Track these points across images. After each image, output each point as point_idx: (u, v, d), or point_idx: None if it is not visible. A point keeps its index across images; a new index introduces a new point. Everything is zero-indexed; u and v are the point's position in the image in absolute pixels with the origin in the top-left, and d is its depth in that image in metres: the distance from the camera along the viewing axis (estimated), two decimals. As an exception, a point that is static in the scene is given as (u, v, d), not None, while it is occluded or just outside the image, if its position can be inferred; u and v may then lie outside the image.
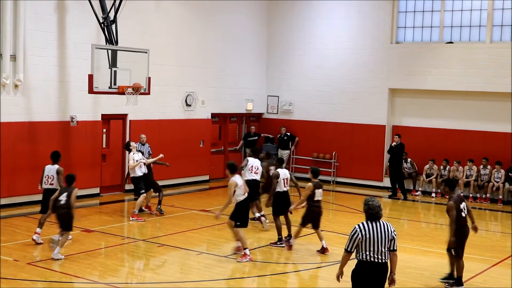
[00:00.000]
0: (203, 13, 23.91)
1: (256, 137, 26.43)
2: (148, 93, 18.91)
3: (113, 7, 18.57)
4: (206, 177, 24.34)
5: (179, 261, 14.04)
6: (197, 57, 23.81)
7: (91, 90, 17.54)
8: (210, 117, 24.68)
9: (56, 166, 15.02)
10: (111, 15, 18.52)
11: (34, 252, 13.99)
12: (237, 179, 13.82)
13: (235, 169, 13.97)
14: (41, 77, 18.81)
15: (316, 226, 14.56)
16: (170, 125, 22.68)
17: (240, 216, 13.90)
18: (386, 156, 24.20)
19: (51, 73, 19.10)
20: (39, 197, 18.49)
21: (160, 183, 20.26)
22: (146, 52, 18.65)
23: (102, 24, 18.51)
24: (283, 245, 15.09)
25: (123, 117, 21.34)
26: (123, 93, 18.08)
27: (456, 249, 12.18)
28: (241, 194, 13.80)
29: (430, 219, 20.21)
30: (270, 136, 26.85)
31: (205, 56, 24.16)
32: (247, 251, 13.84)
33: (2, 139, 17.93)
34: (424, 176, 23.26)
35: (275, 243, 15.25)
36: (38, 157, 18.60)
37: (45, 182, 15.04)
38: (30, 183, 18.59)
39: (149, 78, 18.70)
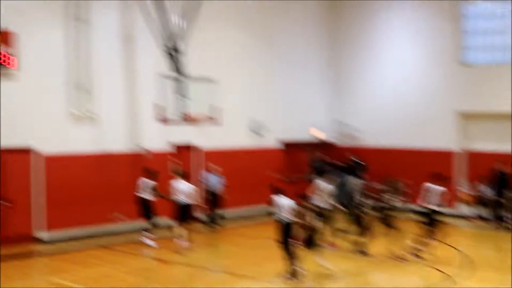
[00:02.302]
0: (269, 42, 24.04)
1: (324, 165, 26.20)
2: (217, 123, 19.01)
3: (181, 38, 18.78)
4: (276, 206, 24.21)
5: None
6: (264, 86, 23.90)
7: (161, 121, 17.74)
8: (278, 146, 24.64)
9: (152, 182, 17.60)
10: (179, 46, 18.74)
11: (110, 282, 14.04)
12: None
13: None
14: (112, 108, 19.17)
15: None
16: (239, 154, 22.73)
17: None
18: (457, 181, 23.80)
19: (121, 104, 19.43)
20: (114, 228, 18.90)
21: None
22: (215, 82, 18.79)
23: (170, 55, 18.74)
24: None
25: (193, 146, 21.46)
26: (192, 123, 18.23)
27: None
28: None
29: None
30: (339, 163, 26.59)
31: (272, 85, 24.23)
32: None
33: (76, 170, 18.22)
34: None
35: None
36: (112, 187, 18.89)
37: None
38: (105, 213, 18.88)
39: (218, 108, 18.80)
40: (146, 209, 17.80)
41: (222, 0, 22.15)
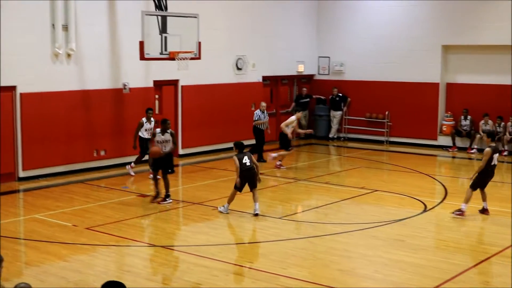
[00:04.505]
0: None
1: (308, 99, 26.36)
2: (199, 58, 18.99)
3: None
4: (259, 140, 24.36)
5: (234, 223, 14.17)
6: (246, 20, 23.74)
7: (142, 57, 17.72)
8: (261, 80, 24.67)
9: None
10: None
11: (92, 217, 14.27)
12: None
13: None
14: (93, 45, 19.01)
15: (483, 187, 14.45)
16: (221, 89, 22.74)
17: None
18: (440, 115, 24.04)
19: (102, 41, 19.29)
20: (94, 164, 19.06)
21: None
22: (196, 17, 18.69)
23: (153, -8, 18.62)
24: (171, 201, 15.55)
25: (174, 82, 21.47)
26: (173, 59, 18.20)
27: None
28: None
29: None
30: (322, 97, 26.73)
31: (254, 19, 24.07)
32: None
33: (57, 108, 18.22)
34: (481, 132, 22.76)
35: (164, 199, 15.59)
36: (92, 124, 18.92)
37: None
38: (85, 150, 18.97)
39: (199, 43, 18.76)
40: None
41: None
